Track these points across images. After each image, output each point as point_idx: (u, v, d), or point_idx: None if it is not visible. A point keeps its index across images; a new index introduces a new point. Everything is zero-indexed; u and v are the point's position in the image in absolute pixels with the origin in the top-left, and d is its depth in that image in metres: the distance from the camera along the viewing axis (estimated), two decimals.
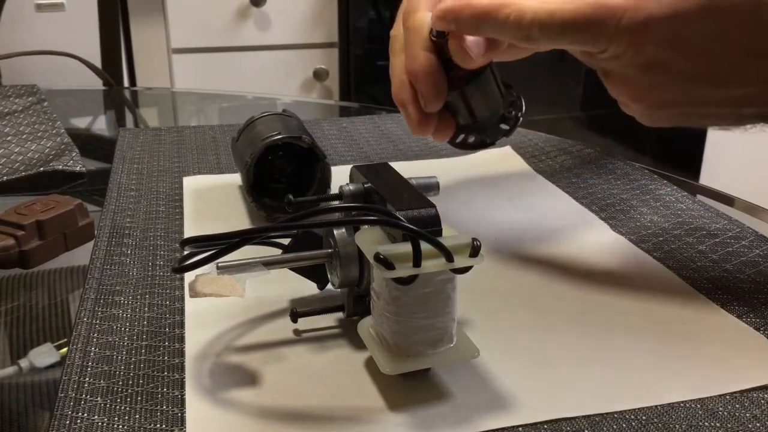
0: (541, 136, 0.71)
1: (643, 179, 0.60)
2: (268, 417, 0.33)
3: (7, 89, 0.85)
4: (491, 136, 0.49)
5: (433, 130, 0.46)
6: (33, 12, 1.75)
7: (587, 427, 0.33)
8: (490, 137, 0.49)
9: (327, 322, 0.40)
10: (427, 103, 0.44)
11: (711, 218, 0.53)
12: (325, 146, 0.68)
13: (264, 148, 0.50)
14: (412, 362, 0.34)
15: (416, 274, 0.32)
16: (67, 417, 0.33)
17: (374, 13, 2.00)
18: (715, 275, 0.45)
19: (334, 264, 0.38)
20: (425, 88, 0.43)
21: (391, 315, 0.34)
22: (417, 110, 0.45)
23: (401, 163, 0.63)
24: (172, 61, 1.89)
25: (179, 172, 0.62)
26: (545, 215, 0.54)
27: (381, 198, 0.38)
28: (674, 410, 0.34)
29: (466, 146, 0.49)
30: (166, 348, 0.38)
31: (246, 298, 0.36)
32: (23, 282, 0.49)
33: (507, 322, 0.41)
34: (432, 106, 0.44)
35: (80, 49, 1.05)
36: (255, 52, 1.92)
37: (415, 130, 0.46)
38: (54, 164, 0.64)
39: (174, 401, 0.34)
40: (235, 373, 0.36)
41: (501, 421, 0.33)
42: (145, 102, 1.06)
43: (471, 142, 0.49)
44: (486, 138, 0.49)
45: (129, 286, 0.44)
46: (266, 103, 1.02)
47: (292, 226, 0.38)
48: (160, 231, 0.51)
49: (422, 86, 0.43)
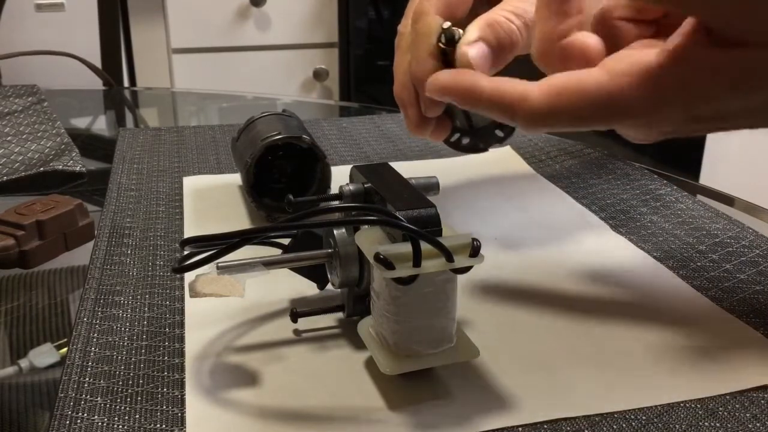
0: (541, 136, 0.71)
1: (643, 179, 0.60)
2: (268, 417, 0.33)
3: (7, 89, 0.85)
4: (485, 141, 0.49)
5: (430, 133, 0.47)
6: (33, 12, 1.75)
7: (587, 427, 0.33)
8: (484, 142, 0.49)
9: (327, 322, 0.40)
10: (428, 108, 0.44)
11: (711, 218, 0.53)
12: (325, 146, 0.68)
13: (264, 148, 0.50)
14: (412, 362, 0.34)
15: (416, 274, 0.32)
16: (67, 417, 0.33)
17: (374, 13, 2.00)
18: (715, 275, 0.45)
19: (334, 264, 0.38)
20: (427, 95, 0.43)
21: (391, 315, 0.34)
22: (417, 112, 0.45)
23: (401, 163, 0.63)
24: (172, 61, 1.89)
25: (179, 172, 0.62)
26: (545, 215, 0.54)
27: (381, 198, 0.38)
28: (674, 410, 0.34)
29: (460, 148, 0.50)
30: (166, 348, 0.38)
31: (246, 298, 0.36)
32: (23, 282, 0.49)
33: (507, 322, 0.41)
34: (432, 111, 0.45)
35: (80, 49, 1.05)
36: (255, 52, 1.92)
37: (413, 130, 0.46)
38: (54, 164, 0.64)
39: (174, 401, 0.34)
40: (235, 373, 0.36)
41: (501, 421, 0.33)
42: (145, 102, 1.06)
43: (465, 144, 0.49)
44: (480, 142, 0.49)
45: (129, 286, 0.44)
46: (266, 103, 1.02)
47: (292, 226, 0.38)
48: (160, 231, 0.51)
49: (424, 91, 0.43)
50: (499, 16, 0.42)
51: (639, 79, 0.34)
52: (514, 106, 0.36)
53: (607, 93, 0.34)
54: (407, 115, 0.46)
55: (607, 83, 0.34)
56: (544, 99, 0.35)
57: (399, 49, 0.47)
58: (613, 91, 0.34)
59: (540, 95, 0.36)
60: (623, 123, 0.36)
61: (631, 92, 0.34)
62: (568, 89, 0.35)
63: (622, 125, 0.36)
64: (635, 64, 0.34)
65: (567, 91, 0.35)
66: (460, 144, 0.50)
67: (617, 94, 0.34)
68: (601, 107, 0.35)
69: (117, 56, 1.28)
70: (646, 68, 0.34)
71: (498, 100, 0.37)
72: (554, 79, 0.36)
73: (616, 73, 0.34)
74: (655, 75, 0.34)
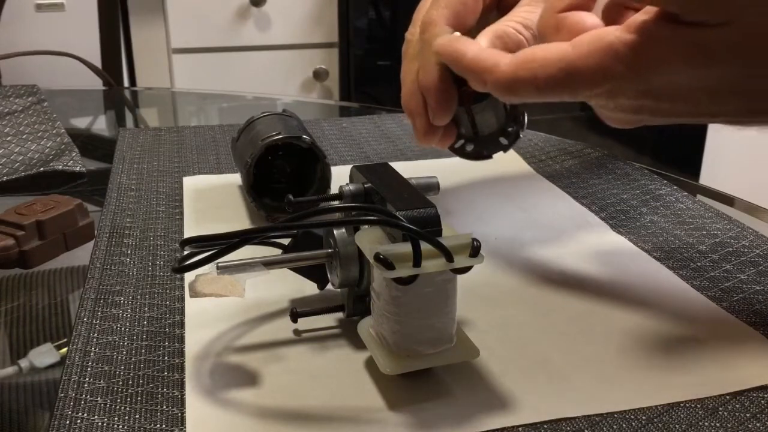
0: (541, 136, 0.71)
1: (643, 179, 0.60)
2: (268, 417, 0.33)
3: (7, 89, 0.85)
4: (489, 148, 0.50)
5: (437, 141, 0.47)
6: (33, 12, 1.75)
7: (587, 427, 0.33)
8: (488, 150, 0.50)
9: (327, 322, 0.40)
10: (436, 117, 0.45)
11: (711, 218, 0.53)
12: (325, 146, 0.68)
13: (264, 148, 0.50)
14: (412, 362, 0.34)
15: (416, 274, 0.32)
16: (67, 417, 0.33)
17: (374, 13, 2.00)
18: (715, 275, 0.45)
19: (334, 264, 0.38)
20: (436, 104, 0.44)
21: (391, 315, 0.34)
22: (425, 121, 0.46)
23: (401, 163, 0.63)
24: (172, 61, 1.89)
25: (179, 172, 0.62)
26: (545, 215, 0.54)
27: (381, 198, 0.38)
28: (674, 410, 0.34)
29: (464, 154, 0.51)
30: (166, 348, 0.38)
31: (246, 298, 0.36)
32: (23, 282, 0.49)
33: (507, 322, 0.41)
34: (440, 120, 0.45)
35: (80, 49, 1.04)
36: (255, 52, 1.92)
37: (420, 139, 0.47)
38: (54, 164, 0.64)
39: (174, 401, 0.34)
40: (235, 373, 0.36)
41: (501, 421, 0.33)
42: (145, 102, 1.06)
43: (469, 151, 0.50)
44: (483, 150, 0.50)
45: (129, 286, 0.44)
46: (266, 103, 1.02)
47: (292, 226, 0.38)
48: (160, 231, 0.51)
49: (433, 101, 0.44)
50: (508, 28, 0.43)
51: (595, 47, 0.35)
52: (485, 73, 0.38)
53: (566, 62, 0.36)
54: (415, 124, 0.46)
55: (568, 53, 0.36)
56: (511, 68, 0.37)
57: (406, 57, 0.47)
58: (571, 59, 0.36)
59: (509, 64, 0.38)
60: (580, 92, 0.37)
61: (587, 60, 0.35)
62: (535, 59, 0.37)
63: (579, 94, 0.37)
64: (595, 35, 0.36)
65: (533, 62, 0.37)
66: (464, 150, 0.51)
67: (574, 61, 0.36)
68: (559, 77, 0.36)
69: (117, 56, 1.29)
70: (603, 37, 0.35)
71: (474, 66, 0.39)
72: (526, 50, 0.38)
73: (577, 44, 0.36)
74: (608, 42, 0.35)
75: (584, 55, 0.35)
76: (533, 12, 0.43)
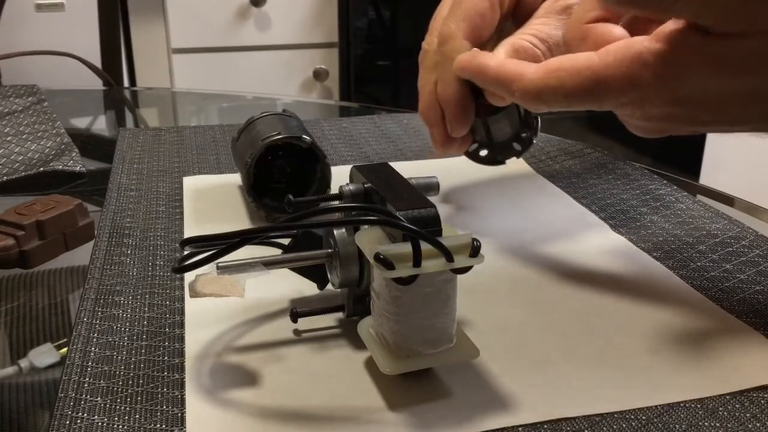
0: (542, 136, 0.71)
1: (643, 179, 0.60)
2: (268, 417, 0.33)
3: (7, 89, 0.85)
4: (503, 154, 0.51)
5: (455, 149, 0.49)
6: (33, 12, 1.75)
7: (587, 427, 0.33)
8: (502, 155, 0.52)
9: (327, 322, 0.40)
10: (454, 130, 0.46)
11: (711, 218, 0.53)
12: (325, 146, 0.68)
13: (264, 148, 0.50)
14: (412, 362, 0.34)
15: (416, 274, 0.32)
16: (67, 417, 0.33)
17: (374, 13, 2.00)
18: (715, 275, 0.45)
19: (334, 264, 0.38)
20: (454, 117, 0.45)
21: (391, 315, 0.34)
22: (443, 132, 0.47)
23: (401, 163, 0.63)
24: (172, 61, 1.89)
25: (179, 172, 0.62)
26: (545, 215, 0.54)
27: (381, 198, 0.38)
28: (674, 410, 0.34)
29: (478, 159, 0.52)
30: (166, 348, 0.38)
31: (246, 298, 0.36)
32: (23, 282, 0.49)
33: (507, 322, 0.41)
34: (458, 132, 0.46)
35: (80, 49, 1.05)
36: (255, 52, 1.92)
37: (438, 149, 0.48)
38: (54, 164, 0.64)
39: (174, 401, 0.34)
40: (235, 373, 0.36)
41: (501, 421, 0.33)
42: (145, 102, 1.06)
43: (483, 156, 0.52)
44: (497, 155, 0.52)
45: (129, 286, 0.44)
46: (266, 103, 1.02)
47: (292, 226, 0.38)
48: (160, 231, 0.51)
49: (451, 114, 0.45)
50: (524, 42, 0.43)
51: (623, 56, 0.35)
52: (513, 82, 0.39)
53: (594, 71, 0.36)
54: (433, 134, 0.48)
55: (596, 62, 0.36)
56: (539, 77, 0.38)
57: (423, 67, 0.48)
58: (599, 69, 0.36)
59: (535, 73, 0.38)
60: (608, 101, 0.37)
61: (615, 69, 0.35)
62: (562, 68, 0.37)
63: (606, 103, 0.37)
64: (624, 45, 0.36)
65: (560, 70, 0.37)
66: (478, 155, 0.52)
67: (602, 71, 0.36)
68: (587, 85, 0.36)
69: (117, 56, 1.28)
70: (632, 46, 0.35)
71: (501, 77, 0.40)
72: (553, 59, 0.38)
73: (605, 53, 0.36)
74: (637, 51, 0.35)
75: (612, 64, 0.36)
76: (548, 25, 0.44)
